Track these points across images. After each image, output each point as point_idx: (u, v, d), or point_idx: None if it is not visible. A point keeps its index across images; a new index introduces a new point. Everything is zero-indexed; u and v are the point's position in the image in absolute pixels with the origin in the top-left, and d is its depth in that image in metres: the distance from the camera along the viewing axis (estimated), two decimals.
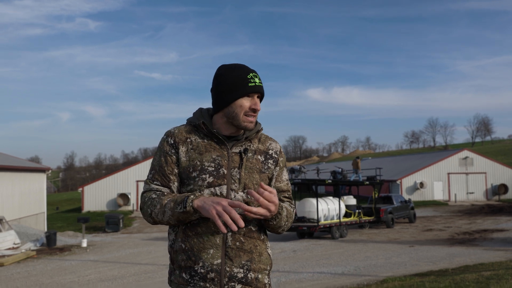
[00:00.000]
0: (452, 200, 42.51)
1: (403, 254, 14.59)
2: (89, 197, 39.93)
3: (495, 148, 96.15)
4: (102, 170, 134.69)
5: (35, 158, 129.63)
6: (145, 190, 1.99)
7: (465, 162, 44.09)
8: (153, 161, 2.05)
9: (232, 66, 2.02)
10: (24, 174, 24.07)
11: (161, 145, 2.03)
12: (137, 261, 14.45)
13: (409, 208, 26.43)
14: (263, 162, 2.02)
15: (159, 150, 2.03)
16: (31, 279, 12.46)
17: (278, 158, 2.09)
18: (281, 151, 2.12)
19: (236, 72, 1.97)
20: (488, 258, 13.03)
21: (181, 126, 2.05)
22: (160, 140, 2.06)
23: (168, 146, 1.99)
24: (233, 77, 1.96)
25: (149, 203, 1.92)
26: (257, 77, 1.97)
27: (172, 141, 1.98)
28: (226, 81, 1.97)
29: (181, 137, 1.99)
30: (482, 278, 8.42)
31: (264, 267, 1.96)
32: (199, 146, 1.96)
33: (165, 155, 1.98)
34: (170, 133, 2.02)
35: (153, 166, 2.02)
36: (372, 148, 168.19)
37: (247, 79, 1.95)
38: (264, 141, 2.08)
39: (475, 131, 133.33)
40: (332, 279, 10.91)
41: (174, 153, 1.97)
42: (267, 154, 2.05)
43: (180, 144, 1.97)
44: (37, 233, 21.58)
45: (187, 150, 1.96)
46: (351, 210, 22.58)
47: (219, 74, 2.01)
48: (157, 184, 1.97)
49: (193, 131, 2.01)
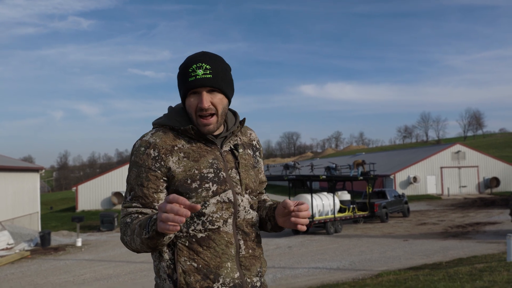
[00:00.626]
0: (445, 194, 42.79)
1: (398, 248, 14.68)
2: (83, 196, 39.77)
3: (486, 142, 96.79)
4: (96, 168, 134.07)
5: (28, 158, 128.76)
6: (123, 215, 1.67)
7: (458, 156, 44.37)
8: (129, 179, 1.70)
9: (189, 56, 1.73)
10: (17, 174, 23.91)
11: (138, 159, 1.67)
12: (132, 260, 14.43)
13: (403, 202, 26.57)
14: (253, 156, 1.85)
15: (136, 166, 1.67)
16: (25, 279, 12.41)
17: (260, 148, 1.92)
18: (259, 140, 1.92)
19: (184, 65, 1.70)
20: (481, 250, 13.15)
21: (156, 132, 1.71)
22: (133, 152, 1.70)
23: (151, 159, 1.65)
24: (180, 71, 1.71)
25: (123, 230, 1.64)
26: (202, 67, 1.65)
27: (156, 153, 1.65)
28: (177, 77, 1.74)
29: (166, 146, 1.66)
30: (475, 271, 8.50)
31: (265, 269, 1.82)
32: (190, 152, 1.68)
33: (147, 171, 1.65)
34: (149, 144, 1.67)
35: (131, 186, 1.68)
36: (366, 143, 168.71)
37: (188, 73, 1.66)
38: (245, 132, 1.88)
39: (467, 125, 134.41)
40: (327, 274, 10.96)
41: (160, 167, 1.64)
42: (252, 146, 1.86)
43: (168, 155, 1.65)
44: (31, 233, 21.48)
45: (178, 159, 1.66)
46: (346, 205, 22.68)
47: (179, 67, 1.76)
48: (136, 206, 1.66)
49: (177, 136, 1.70)
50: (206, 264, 1.62)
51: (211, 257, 1.63)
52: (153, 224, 1.48)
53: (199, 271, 1.62)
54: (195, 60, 1.68)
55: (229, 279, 1.64)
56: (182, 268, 1.62)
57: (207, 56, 1.70)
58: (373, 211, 23.80)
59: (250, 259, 1.71)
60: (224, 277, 1.63)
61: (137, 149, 1.69)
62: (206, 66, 1.66)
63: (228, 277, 1.64)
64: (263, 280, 1.79)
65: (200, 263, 1.62)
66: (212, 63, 1.68)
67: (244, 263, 1.69)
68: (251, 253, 1.72)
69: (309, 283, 9.94)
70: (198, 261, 1.62)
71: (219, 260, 1.64)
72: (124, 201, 1.71)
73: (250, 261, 1.71)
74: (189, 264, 1.62)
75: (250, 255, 1.72)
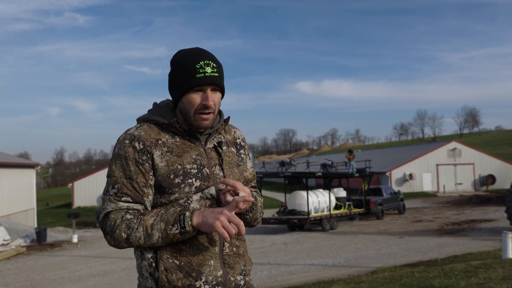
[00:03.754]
0: (441, 191, 42.92)
1: (393, 245, 14.74)
2: (79, 193, 39.70)
3: (482, 139, 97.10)
4: (92, 165, 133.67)
5: (24, 154, 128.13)
6: (111, 210, 1.61)
7: (453, 154, 44.50)
8: (112, 173, 1.65)
9: (187, 51, 1.71)
10: (13, 170, 23.84)
11: (123, 152, 1.65)
12: (128, 256, 14.42)
13: (399, 199, 26.66)
14: (237, 154, 1.84)
15: (121, 158, 1.64)
16: (21, 275, 12.40)
17: (245, 146, 1.90)
18: (244, 138, 1.91)
19: (186, 60, 1.68)
20: (476, 248, 13.21)
21: (141, 126, 1.70)
22: (117, 144, 1.68)
23: (137, 152, 1.63)
24: (182, 66, 1.67)
25: (123, 226, 1.57)
26: (210, 65, 1.66)
27: (141, 146, 1.64)
28: (175, 71, 1.70)
29: (150, 139, 1.65)
30: (470, 268, 8.54)
31: (250, 268, 1.80)
32: (174, 147, 1.67)
33: (135, 164, 1.63)
34: (134, 136, 1.65)
35: (116, 179, 1.63)
36: (362, 140, 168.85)
37: (196, 69, 1.64)
38: (229, 130, 1.87)
39: (463, 122, 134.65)
40: (323, 271, 11.00)
41: (147, 160, 1.63)
42: (236, 144, 1.85)
43: (152, 148, 1.64)
44: (27, 229, 21.45)
45: (161, 153, 1.64)
46: (341, 202, 22.72)
47: (173, 61, 1.73)
48: (127, 201, 1.63)
49: (162, 131, 1.70)
50: (189, 261, 1.61)
51: (193, 254, 1.62)
52: (189, 219, 1.55)
53: (181, 269, 1.60)
54: (202, 56, 1.68)
55: (212, 277, 1.62)
56: (164, 266, 1.61)
57: (210, 54, 1.72)
58: (369, 208, 23.85)
59: (234, 257, 1.70)
60: (207, 275, 1.62)
61: (121, 142, 1.67)
62: (213, 64, 1.67)
63: (211, 275, 1.62)
64: (248, 279, 1.77)
65: (183, 261, 1.61)
66: (216, 62, 1.70)
67: (227, 261, 1.68)
68: (235, 251, 1.71)
69: (304, 280, 9.96)
70: (181, 259, 1.61)
71: (202, 258, 1.63)
72: (106, 194, 1.65)
73: (234, 259, 1.70)
74: (171, 262, 1.61)
75: (234, 253, 1.70)
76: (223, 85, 1.72)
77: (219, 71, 1.68)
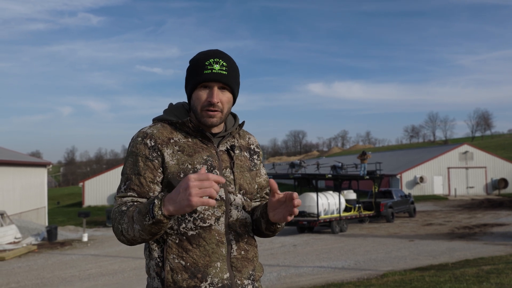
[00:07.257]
0: (452, 194, 42.55)
1: (403, 248, 14.62)
2: (90, 192, 39.99)
3: (495, 142, 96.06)
4: (103, 164, 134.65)
5: (36, 153, 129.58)
6: (117, 205, 1.63)
7: (465, 157, 44.09)
8: (124, 169, 1.68)
9: (205, 51, 1.73)
10: (25, 168, 24.09)
11: (135, 149, 1.67)
12: (138, 255, 14.48)
13: (409, 202, 26.45)
14: (250, 159, 1.83)
15: (132, 155, 1.67)
16: (32, 273, 12.50)
17: (259, 152, 1.90)
18: (258, 145, 1.92)
19: (200, 58, 1.70)
20: (488, 252, 13.06)
21: (155, 125, 1.72)
22: (130, 143, 1.71)
23: (148, 149, 1.65)
24: (194, 63, 1.70)
25: (118, 219, 1.57)
26: (219, 63, 1.66)
27: (153, 143, 1.65)
28: (188, 68, 1.73)
29: (162, 137, 1.66)
30: (482, 272, 8.45)
31: (260, 274, 1.78)
32: (185, 147, 1.68)
33: (144, 160, 1.64)
34: (146, 134, 1.67)
35: (127, 176, 1.65)
36: (372, 142, 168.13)
37: (205, 65, 1.66)
38: (244, 136, 1.87)
39: (475, 125, 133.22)
40: (332, 273, 10.94)
41: (157, 157, 1.64)
42: (250, 149, 1.85)
43: (163, 146, 1.65)
44: (38, 227, 21.65)
45: (173, 152, 1.65)
46: (351, 204, 22.61)
47: (190, 60, 1.75)
48: (132, 196, 1.63)
49: (175, 130, 1.71)
50: (195, 262, 1.60)
51: (200, 255, 1.61)
52: (158, 209, 1.44)
53: (186, 270, 1.59)
54: (213, 55, 1.69)
55: (218, 279, 1.61)
56: (170, 266, 1.60)
57: (224, 54, 1.73)
58: (379, 211, 23.71)
59: (242, 261, 1.68)
60: (213, 276, 1.60)
61: (134, 140, 1.69)
62: (223, 63, 1.67)
63: (216, 277, 1.61)
64: (258, 285, 1.75)
65: (188, 261, 1.60)
66: (228, 62, 1.70)
67: (235, 264, 1.66)
68: (243, 255, 1.69)
69: (313, 282, 9.92)
70: (187, 259, 1.60)
71: (208, 259, 1.61)
72: (118, 192, 1.68)
73: (242, 262, 1.68)
74: (177, 262, 1.60)
75: (242, 256, 1.69)
76: (232, 85, 1.70)
77: (228, 70, 1.68)
